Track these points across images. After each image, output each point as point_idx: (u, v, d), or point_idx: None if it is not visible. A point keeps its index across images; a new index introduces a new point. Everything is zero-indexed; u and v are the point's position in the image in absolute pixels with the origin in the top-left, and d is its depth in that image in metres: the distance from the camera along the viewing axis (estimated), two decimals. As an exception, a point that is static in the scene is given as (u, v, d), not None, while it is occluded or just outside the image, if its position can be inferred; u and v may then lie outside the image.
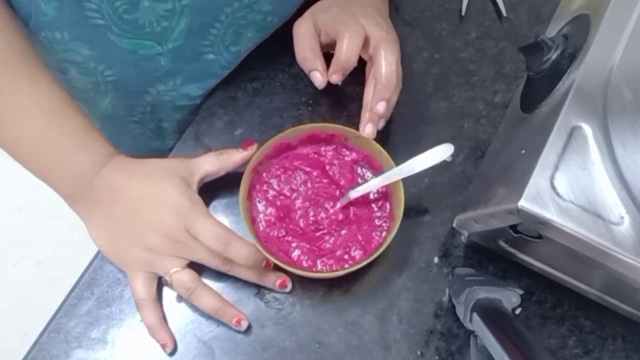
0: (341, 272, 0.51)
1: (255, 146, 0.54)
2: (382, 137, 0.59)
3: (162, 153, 0.67)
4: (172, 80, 0.60)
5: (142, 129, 0.68)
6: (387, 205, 0.55)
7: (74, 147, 0.51)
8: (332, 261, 0.53)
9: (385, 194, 0.55)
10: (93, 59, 0.57)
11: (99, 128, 0.68)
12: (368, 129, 0.54)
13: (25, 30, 0.55)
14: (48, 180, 0.52)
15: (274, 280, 0.52)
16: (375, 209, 0.55)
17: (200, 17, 0.54)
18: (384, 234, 0.53)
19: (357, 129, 0.55)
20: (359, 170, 0.57)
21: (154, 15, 0.52)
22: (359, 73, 0.63)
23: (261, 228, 0.53)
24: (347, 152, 0.57)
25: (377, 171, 0.55)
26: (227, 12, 0.55)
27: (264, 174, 0.55)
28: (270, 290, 0.53)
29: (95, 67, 0.58)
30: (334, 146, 0.57)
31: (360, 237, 0.54)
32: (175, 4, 0.52)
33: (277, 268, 0.51)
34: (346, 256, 0.53)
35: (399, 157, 0.53)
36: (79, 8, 0.51)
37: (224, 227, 0.50)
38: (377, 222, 0.54)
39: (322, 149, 0.57)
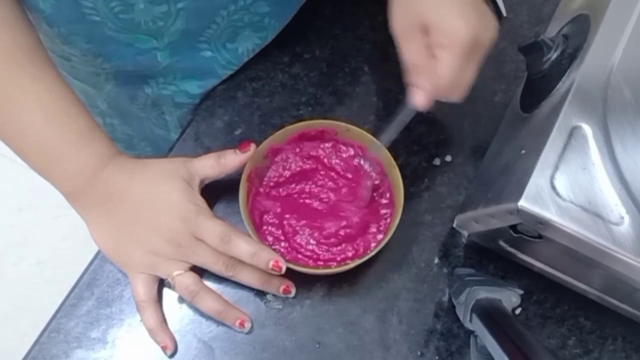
0: (351, 265, 0.50)
1: (252, 147, 0.53)
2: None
3: (168, 142, 0.67)
4: (171, 74, 0.60)
5: (147, 115, 0.68)
6: (388, 193, 0.55)
7: (75, 146, 0.51)
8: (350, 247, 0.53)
9: (384, 184, 0.55)
10: (91, 52, 0.57)
11: (106, 107, 0.69)
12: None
13: None
14: (49, 178, 0.52)
15: (277, 286, 0.52)
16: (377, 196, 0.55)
17: (195, 20, 0.54)
18: (388, 220, 0.54)
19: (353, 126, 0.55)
20: (359, 162, 0.56)
21: (149, 16, 0.52)
22: (359, 72, 0.63)
23: (270, 239, 0.53)
24: (344, 148, 0.56)
25: (373, 162, 0.55)
26: (223, 14, 0.55)
27: (257, 182, 0.54)
28: (271, 290, 0.53)
29: (94, 59, 0.58)
30: (332, 143, 0.56)
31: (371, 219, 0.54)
32: (170, 7, 0.52)
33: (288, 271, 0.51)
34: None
35: (399, 157, 0.52)
36: (76, 6, 0.51)
37: (227, 226, 0.50)
38: (382, 210, 0.54)
39: (320, 145, 0.56)
